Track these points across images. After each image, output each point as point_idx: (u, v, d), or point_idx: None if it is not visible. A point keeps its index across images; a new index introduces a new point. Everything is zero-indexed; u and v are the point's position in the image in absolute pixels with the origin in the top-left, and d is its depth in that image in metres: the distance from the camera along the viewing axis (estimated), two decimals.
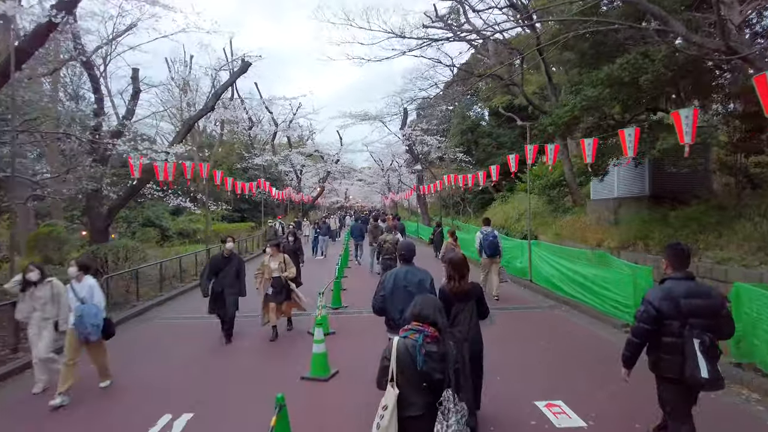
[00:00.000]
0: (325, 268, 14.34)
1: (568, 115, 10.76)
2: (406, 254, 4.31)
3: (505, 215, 24.25)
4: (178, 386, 5.38)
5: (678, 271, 3.18)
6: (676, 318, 3.02)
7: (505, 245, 13.23)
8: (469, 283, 3.99)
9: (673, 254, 3.24)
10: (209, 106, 11.99)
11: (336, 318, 8.40)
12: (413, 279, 4.06)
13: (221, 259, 7.29)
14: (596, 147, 8.39)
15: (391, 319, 4.07)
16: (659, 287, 3.19)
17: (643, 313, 3.12)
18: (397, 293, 4.01)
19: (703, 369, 2.89)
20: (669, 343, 3.06)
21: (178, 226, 24.46)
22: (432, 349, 2.52)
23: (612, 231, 13.28)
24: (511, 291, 10.87)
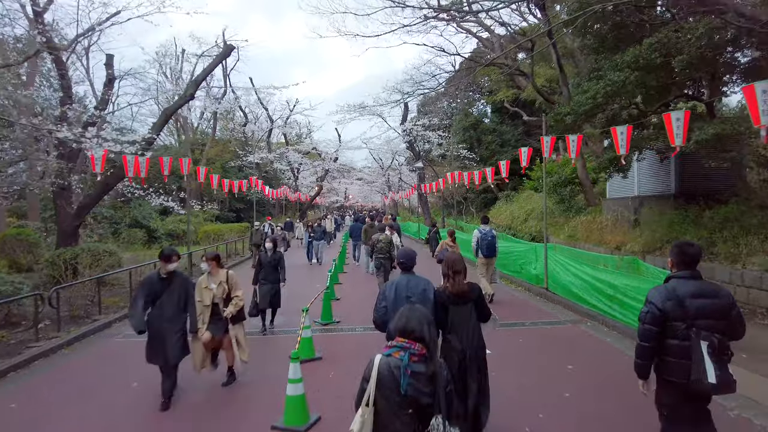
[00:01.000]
0: (318, 275, 13.14)
1: (589, 102, 9.57)
2: (406, 262, 3.99)
3: (510, 215, 23.06)
4: None
5: (684, 270, 2.96)
6: (681, 319, 2.81)
7: (517, 249, 12.04)
8: (466, 283, 3.68)
9: (679, 252, 3.00)
10: (188, 95, 10.80)
11: (324, 337, 7.20)
12: (416, 289, 3.78)
13: (157, 280, 4.85)
14: (630, 136, 7.16)
15: None
16: (662, 287, 2.97)
17: (647, 314, 2.91)
18: (399, 304, 3.59)
19: (710, 373, 2.68)
20: (674, 346, 2.85)
21: (167, 227, 23.30)
22: (419, 369, 2.18)
23: (634, 233, 12.08)
24: (525, 302, 9.67)
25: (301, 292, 10.52)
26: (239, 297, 5.27)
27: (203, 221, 26.65)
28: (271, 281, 7.47)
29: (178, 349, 4.82)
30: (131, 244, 19.93)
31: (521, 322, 7.77)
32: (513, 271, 11.74)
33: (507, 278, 11.88)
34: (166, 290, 4.79)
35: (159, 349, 4.74)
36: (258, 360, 5.96)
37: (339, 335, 7.33)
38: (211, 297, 5.06)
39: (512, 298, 9.93)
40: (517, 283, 11.22)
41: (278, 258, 7.64)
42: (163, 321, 4.74)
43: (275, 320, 7.88)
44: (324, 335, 7.28)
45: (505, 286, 11.35)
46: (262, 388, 5.25)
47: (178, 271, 5.00)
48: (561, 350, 6.44)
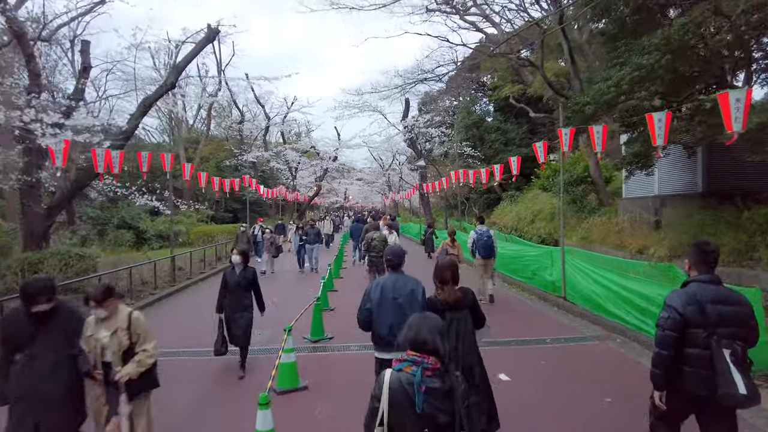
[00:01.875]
0: (312, 281, 12.14)
1: (612, 91, 8.56)
2: (393, 260, 3.77)
3: (516, 216, 22.06)
4: None
5: (703, 274, 2.80)
6: (701, 326, 2.63)
7: (529, 253, 11.03)
8: (459, 290, 3.49)
9: (699, 253, 2.84)
10: (169, 83, 9.83)
11: (312, 359, 6.20)
12: (403, 289, 3.60)
13: (24, 321, 3.10)
14: (669, 124, 6.16)
15: (378, 335, 3.60)
16: (683, 291, 2.80)
17: (668, 319, 2.72)
18: (384, 306, 3.57)
19: (740, 384, 2.48)
20: (693, 355, 2.66)
21: (157, 228, 22.29)
22: (434, 384, 1.97)
23: (656, 236, 11.08)
24: (540, 312, 8.66)
25: (292, 302, 9.56)
26: (147, 352, 3.29)
27: (196, 222, 25.66)
28: (239, 309, 5.64)
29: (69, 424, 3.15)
30: (118, 246, 18.95)
31: (541, 339, 6.76)
32: (525, 277, 10.74)
33: (518, 285, 10.88)
34: (39, 335, 3.06)
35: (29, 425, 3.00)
36: (222, 395, 4.98)
37: (331, 356, 6.31)
38: (99, 351, 3.19)
39: (526, 308, 8.92)
40: (530, 290, 10.22)
41: (250, 277, 5.76)
42: (35, 380, 3.03)
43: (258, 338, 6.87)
44: (312, 356, 6.27)
45: (517, 293, 10.35)
46: None
47: (62, 302, 3.30)
48: (592, 376, 5.43)
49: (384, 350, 3.57)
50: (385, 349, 3.54)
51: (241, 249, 6.03)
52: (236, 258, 5.85)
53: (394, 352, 3.39)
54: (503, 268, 12.13)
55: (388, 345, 3.49)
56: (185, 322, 8.30)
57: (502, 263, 12.27)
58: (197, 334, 7.29)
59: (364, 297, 3.65)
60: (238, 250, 6.00)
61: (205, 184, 13.71)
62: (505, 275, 11.75)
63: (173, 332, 7.58)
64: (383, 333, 3.53)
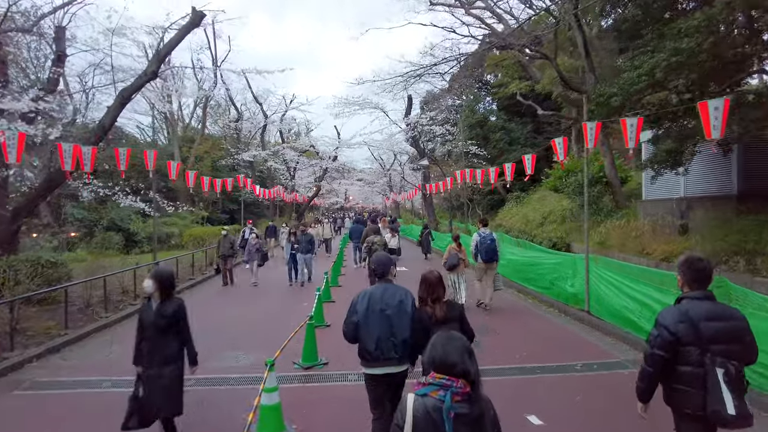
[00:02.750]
0: (307, 294, 11.21)
1: (644, 80, 7.61)
2: (378, 269, 3.53)
3: (524, 219, 21.10)
4: None
5: (697, 290, 2.71)
6: (695, 344, 2.56)
7: (547, 261, 10.06)
8: (445, 303, 3.38)
9: (691, 269, 2.74)
10: (150, 72, 8.87)
11: (303, 392, 5.24)
12: (392, 300, 3.35)
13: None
14: (727, 113, 5.20)
15: (365, 349, 3.33)
16: (675, 308, 2.71)
17: (657, 337, 2.65)
18: (372, 318, 3.32)
19: (729, 404, 2.44)
20: (687, 373, 2.59)
21: (149, 230, 21.30)
22: (463, 410, 1.80)
23: (683, 241, 10.12)
24: (563, 329, 7.69)
25: (283, 316, 8.62)
26: None
27: (190, 223, 24.71)
28: (157, 362, 3.71)
29: None
30: (105, 249, 18.01)
31: (571, 365, 5.79)
32: (542, 287, 9.78)
33: (534, 295, 9.92)
34: None
35: None
36: None
37: (325, 387, 5.33)
38: None
39: (547, 324, 7.96)
40: (548, 302, 9.26)
41: (170, 314, 3.77)
42: None
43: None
44: (303, 389, 5.30)
45: (533, 305, 9.39)
46: None
47: None
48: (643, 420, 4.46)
49: (372, 365, 3.36)
50: (373, 364, 3.34)
51: (157, 273, 3.91)
52: (149, 285, 3.76)
53: (382, 367, 3.31)
54: (515, 276, 11.19)
55: (376, 360, 3.31)
56: None
57: (515, 270, 11.33)
58: None
59: (351, 308, 3.44)
60: (154, 273, 3.95)
61: (193, 183, 12.76)
62: (519, 284, 10.80)
63: None
64: (370, 347, 3.31)
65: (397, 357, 3.30)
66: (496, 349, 6.52)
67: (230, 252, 12.10)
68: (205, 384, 5.34)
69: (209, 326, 7.93)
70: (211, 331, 7.62)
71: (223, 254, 12.13)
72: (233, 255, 12.30)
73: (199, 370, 4.25)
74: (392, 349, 3.28)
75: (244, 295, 10.77)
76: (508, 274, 11.72)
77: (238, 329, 7.80)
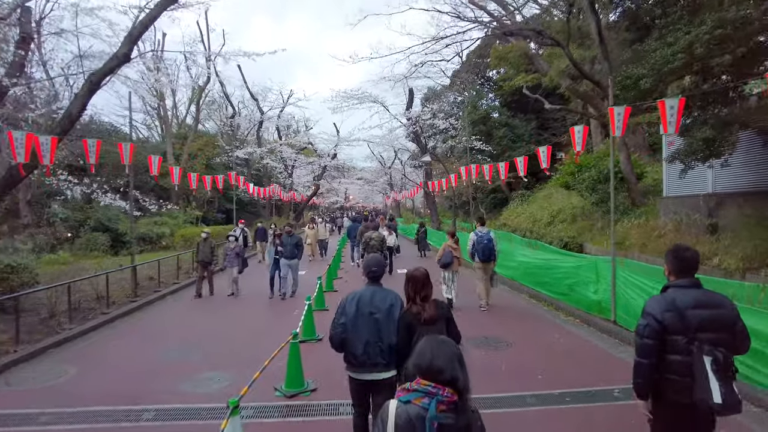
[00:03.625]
0: (298, 302, 10.28)
1: (680, 57, 6.64)
2: (376, 271, 3.41)
3: (531, 218, 20.15)
4: None
5: (682, 278, 2.69)
6: (681, 332, 2.55)
7: (564, 264, 9.09)
8: (433, 302, 3.23)
9: (676, 258, 2.74)
10: (121, 54, 7.88)
11: (283, 428, 4.30)
12: (382, 304, 3.28)
13: None
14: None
15: (353, 354, 3.26)
16: (661, 297, 2.71)
17: (646, 327, 2.63)
18: (360, 321, 3.25)
19: (716, 392, 2.42)
20: (675, 362, 2.58)
21: (139, 230, 20.36)
22: (449, 420, 1.70)
23: (714, 242, 9.17)
24: (587, 344, 6.72)
25: (268, 328, 7.69)
26: None
27: (183, 223, 23.77)
28: None
29: None
30: (91, 251, 17.08)
31: (607, 391, 4.82)
32: (558, 293, 8.82)
33: (549, 301, 8.95)
34: None
35: None
36: None
37: (312, 424, 4.37)
38: None
39: (568, 337, 6.98)
40: (566, 309, 8.29)
41: None
42: None
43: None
44: (284, 426, 4.35)
45: (550, 313, 8.42)
46: None
47: None
48: None
49: (358, 370, 3.30)
50: (359, 369, 3.29)
51: None
52: None
53: (368, 372, 3.25)
54: (527, 280, 10.24)
55: (362, 365, 3.26)
56: (132, 358, 6.39)
57: (526, 273, 10.39)
58: (142, 378, 5.44)
59: (338, 310, 3.36)
60: None
61: (179, 180, 11.82)
62: (532, 288, 9.84)
63: (110, 375, 5.68)
64: (358, 351, 3.25)
65: (384, 363, 3.22)
66: (511, 367, 5.57)
67: (210, 258, 10.61)
68: (166, 418, 4.40)
69: (186, 341, 7.02)
70: (188, 346, 6.71)
71: (202, 260, 10.53)
72: (213, 261, 10.83)
73: (167, 396, 3.37)
74: (379, 354, 3.21)
75: (227, 306, 9.64)
76: (518, 277, 10.78)
77: (218, 345, 6.84)
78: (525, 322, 7.89)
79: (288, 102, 29.29)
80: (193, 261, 10.75)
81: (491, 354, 6.12)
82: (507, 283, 11.22)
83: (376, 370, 3.23)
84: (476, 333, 6.94)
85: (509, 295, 10.18)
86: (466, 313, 8.07)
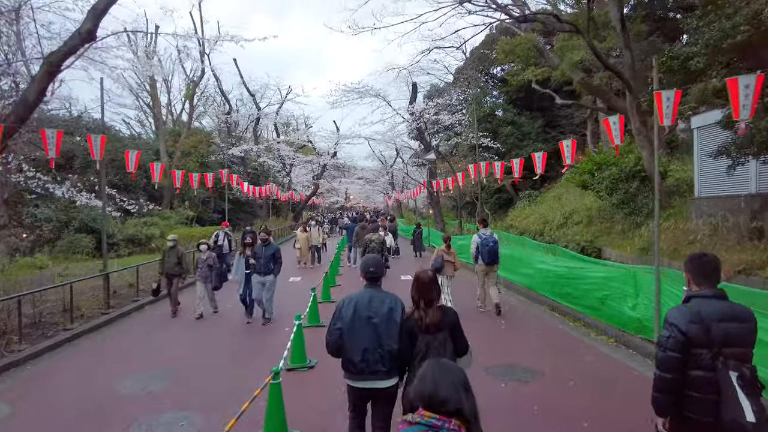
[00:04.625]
0: (287, 322, 9.18)
1: (744, 31, 5.54)
2: (374, 271, 3.23)
3: (541, 219, 19.04)
4: None
5: (705, 288, 2.52)
6: (706, 346, 2.36)
7: (593, 274, 7.98)
8: (439, 308, 2.99)
9: (697, 266, 2.57)
10: (84, 31, 6.69)
11: None
12: (380, 308, 3.09)
13: None
14: None
15: (350, 361, 3.07)
16: (684, 307, 2.50)
17: (669, 338, 2.42)
18: (358, 326, 3.07)
19: (747, 410, 2.23)
20: (698, 378, 2.39)
21: (127, 232, 19.33)
22: None
23: (762, 249, 8.08)
24: (628, 372, 5.62)
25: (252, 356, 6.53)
26: None
27: (175, 224, 22.70)
28: None
29: None
30: (73, 254, 16.01)
31: None
32: (587, 307, 7.72)
33: (576, 316, 7.85)
34: None
35: None
36: None
37: None
38: None
39: (606, 363, 5.88)
40: (597, 327, 7.18)
41: None
42: None
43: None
44: None
45: (576, 330, 7.31)
46: None
47: None
48: None
49: (356, 378, 3.08)
50: (358, 377, 3.07)
51: None
52: None
53: (368, 380, 3.04)
54: (547, 290, 9.16)
55: (361, 372, 3.03)
56: (82, 391, 5.30)
57: (545, 283, 9.31)
58: (88, 422, 4.37)
59: (335, 314, 3.16)
60: None
61: (160, 178, 10.75)
62: (553, 300, 8.76)
63: (47, 418, 4.60)
64: (356, 359, 3.03)
65: (384, 370, 3.02)
66: (547, 409, 4.48)
67: (177, 269, 8.75)
68: None
69: (152, 369, 5.92)
70: (153, 377, 5.61)
71: (168, 272, 8.73)
72: (182, 273, 8.94)
73: None
74: (379, 361, 3.01)
75: (204, 326, 8.16)
76: (536, 286, 9.71)
77: (189, 374, 5.73)
78: (550, 341, 6.81)
79: (287, 98, 28.21)
80: (159, 273, 8.86)
81: (519, 390, 5.03)
82: (522, 291, 10.14)
83: (376, 378, 3.04)
84: (497, 358, 5.86)
85: (526, 307, 9.10)
86: (479, 325, 7.01)
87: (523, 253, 11.85)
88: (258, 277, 7.87)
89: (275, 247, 8.19)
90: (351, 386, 3.16)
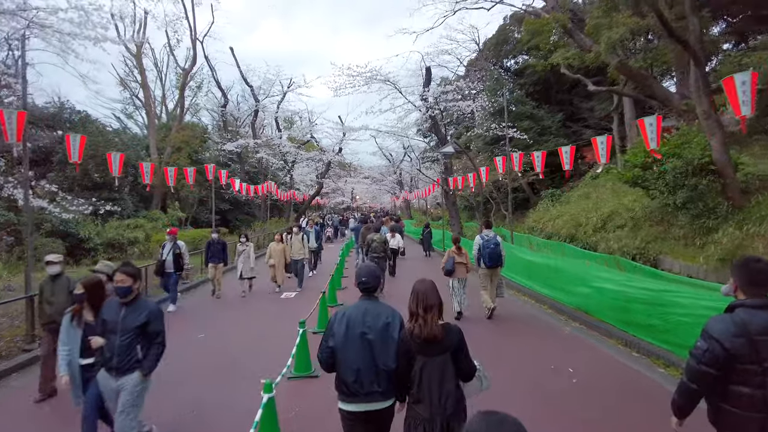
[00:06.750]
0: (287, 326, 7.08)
1: None
2: (366, 281, 2.89)
3: (571, 221, 16.79)
4: None
5: (755, 296, 2.24)
6: (756, 362, 2.12)
7: (695, 303, 5.69)
8: (441, 325, 2.62)
9: (746, 272, 2.29)
10: None
11: None
12: (375, 323, 2.77)
13: None
14: None
15: (343, 381, 2.78)
16: (728, 318, 2.23)
17: (706, 352, 2.18)
18: (351, 343, 2.76)
19: None
20: (743, 395, 2.15)
21: (106, 235, 17.34)
22: None
23: None
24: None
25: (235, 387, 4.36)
26: None
27: (163, 226, 20.65)
28: None
29: None
30: (38, 261, 13.98)
31: None
32: (676, 346, 5.48)
33: (664, 358, 5.63)
34: None
35: None
36: None
37: None
38: None
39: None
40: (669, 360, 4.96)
41: None
42: None
43: None
44: None
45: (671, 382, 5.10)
46: None
47: None
48: None
49: (350, 400, 2.77)
50: (351, 399, 2.76)
51: None
52: None
53: (362, 403, 2.74)
54: (613, 318, 6.95)
55: (354, 395, 2.74)
56: None
57: (611, 308, 7.09)
58: None
59: (327, 330, 2.87)
60: None
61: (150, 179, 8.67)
62: (626, 332, 6.55)
63: None
64: (349, 379, 2.74)
65: (380, 391, 2.71)
66: None
67: (66, 303, 4.64)
68: None
69: None
70: None
71: (49, 322, 5.01)
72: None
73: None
74: (374, 381, 2.70)
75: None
76: (594, 310, 7.53)
77: None
78: (635, 402, 4.61)
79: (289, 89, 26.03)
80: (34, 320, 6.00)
81: None
82: (576, 315, 7.91)
83: (371, 399, 2.72)
84: None
85: (586, 338, 6.91)
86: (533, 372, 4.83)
87: (563, 265, 9.54)
88: (109, 376, 3.49)
89: (151, 307, 3.63)
90: (343, 410, 2.82)
